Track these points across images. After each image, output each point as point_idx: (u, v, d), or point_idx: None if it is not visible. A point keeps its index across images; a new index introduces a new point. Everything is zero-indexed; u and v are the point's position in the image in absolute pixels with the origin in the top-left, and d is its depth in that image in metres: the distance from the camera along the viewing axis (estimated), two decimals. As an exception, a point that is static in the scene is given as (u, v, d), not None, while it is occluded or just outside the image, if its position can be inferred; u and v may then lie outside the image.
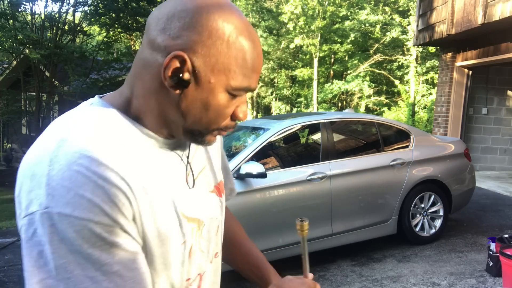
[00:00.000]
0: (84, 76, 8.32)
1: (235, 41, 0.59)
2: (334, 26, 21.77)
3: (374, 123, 4.29)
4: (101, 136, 0.58)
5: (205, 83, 0.59)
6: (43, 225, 0.52)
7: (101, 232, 0.53)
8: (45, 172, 0.53)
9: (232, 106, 0.63)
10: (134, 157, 0.60)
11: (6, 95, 8.91)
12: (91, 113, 0.62)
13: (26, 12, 8.08)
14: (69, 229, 0.52)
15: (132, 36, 10.33)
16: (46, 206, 0.52)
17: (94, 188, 0.53)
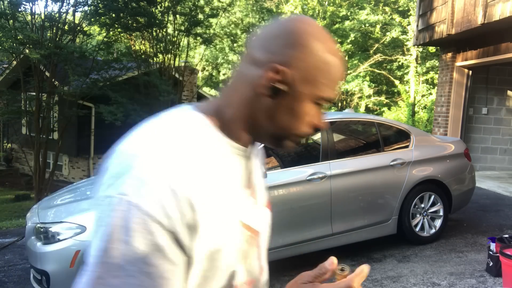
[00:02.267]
0: (84, 76, 8.31)
1: (325, 57, 0.68)
2: (334, 26, 21.75)
3: (374, 123, 4.29)
4: (186, 147, 0.64)
5: (296, 93, 0.68)
6: (111, 207, 0.58)
7: (155, 232, 0.57)
8: (132, 166, 0.60)
9: (315, 115, 0.71)
10: (211, 167, 0.66)
11: (6, 95, 8.90)
12: (181, 119, 0.69)
13: (26, 12, 8.08)
14: (131, 218, 0.56)
15: (132, 36, 10.32)
16: (123, 193, 0.58)
17: (166, 191, 0.58)
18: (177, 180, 0.60)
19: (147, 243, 0.56)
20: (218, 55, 22.12)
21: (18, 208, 8.60)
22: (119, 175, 0.60)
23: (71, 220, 2.90)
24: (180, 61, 11.34)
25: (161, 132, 0.65)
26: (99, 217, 0.59)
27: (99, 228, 0.58)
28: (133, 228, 0.56)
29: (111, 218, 0.57)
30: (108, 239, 0.56)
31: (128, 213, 0.56)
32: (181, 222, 0.59)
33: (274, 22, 0.73)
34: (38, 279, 2.98)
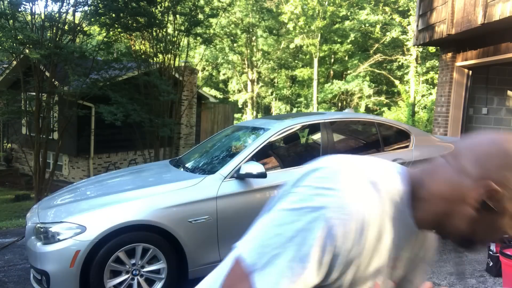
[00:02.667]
0: (84, 76, 8.31)
1: None
2: (334, 26, 21.76)
3: (374, 123, 4.28)
4: (384, 199, 0.75)
5: (502, 210, 0.72)
6: (305, 214, 0.69)
7: (327, 251, 0.69)
8: (339, 189, 0.71)
9: (510, 226, 0.74)
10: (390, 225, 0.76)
11: (6, 95, 8.89)
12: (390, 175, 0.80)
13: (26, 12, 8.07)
14: (316, 228, 0.68)
15: (132, 36, 10.32)
16: (324, 206, 0.69)
17: (355, 226, 0.70)
18: (366, 221, 0.71)
19: (316, 255, 0.68)
20: (218, 55, 22.12)
21: (18, 208, 8.60)
22: (325, 190, 0.71)
23: (71, 220, 2.90)
24: (180, 61, 11.34)
25: (371, 176, 0.76)
26: (292, 220, 0.70)
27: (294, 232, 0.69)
28: (314, 239, 0.68)
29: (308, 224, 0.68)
30: (297, 240, 0.68)
31: (315, 223, 0.68)
32: (346, 254, 0.71)
33: (488, 139, 0.81)
34: (38, 279, 2.98)
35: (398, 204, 0.77)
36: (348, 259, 0.71)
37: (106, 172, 6.99)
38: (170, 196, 3.10)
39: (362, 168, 0.77)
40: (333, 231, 0.68)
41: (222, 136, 4.55)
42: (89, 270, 2.84)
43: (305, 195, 0.72)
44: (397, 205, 0.77)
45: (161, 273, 3.06)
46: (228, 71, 24.32)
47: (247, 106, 24.03)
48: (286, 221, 0.70)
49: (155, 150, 9.77)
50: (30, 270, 3.21)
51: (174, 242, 3.04)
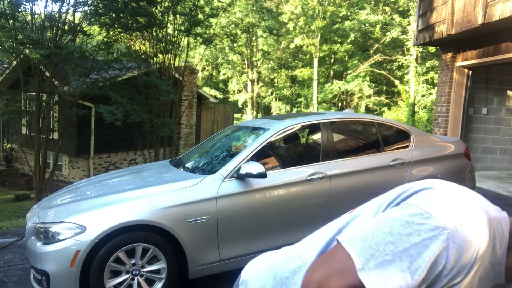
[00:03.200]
0: (84, 76, 8.31)
1: None
2: (334, 26, 21.76)
3: (374, 123, 4.28)
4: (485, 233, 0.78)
5: None
6: (425, 230, 0.73)
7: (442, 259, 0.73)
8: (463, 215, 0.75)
9: None
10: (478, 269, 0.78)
11: (6, 95, 8.89)
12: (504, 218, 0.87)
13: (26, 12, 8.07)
14: (434, 246, 0.72)
15: (132, 36, 10.32)
16: (446, 227, 0.73)
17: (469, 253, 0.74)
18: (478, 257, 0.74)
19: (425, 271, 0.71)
20: (218, 55, 22.12)
21: (18, 208, 8.60)
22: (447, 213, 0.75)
23: (71, 220, 2.90)
24: (180, 61, 11.34)
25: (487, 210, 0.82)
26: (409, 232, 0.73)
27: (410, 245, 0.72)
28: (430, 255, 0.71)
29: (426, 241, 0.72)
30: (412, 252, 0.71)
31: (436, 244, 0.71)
32: (447, 281, 0.73)
33: None
34: (38, 279, 2.98)
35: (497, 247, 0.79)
36: (447, 285, 0.74)
37: (106, 172, 7.00)
38: (170, 196, 3.10)
39: (475, 198, 0.82)
40: (448, 254, 0.71)
41: (222, 136, 4.55)
42: (89, 270, 2.84)
43: (423, 212, 0.75)
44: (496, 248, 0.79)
45: (161, 273, 3.06)
46: (228, 71, 24.32)
47: (247, 106, 24.03)
48: (401, 232, 0.74)
49: (155, 150, 9.77)
50: (30, 270, 3.21)
51: (174, 242, 3.04)
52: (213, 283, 3.40)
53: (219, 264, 3.19)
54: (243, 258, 3.26)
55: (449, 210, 0.75)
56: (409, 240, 0.72)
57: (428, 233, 0.72)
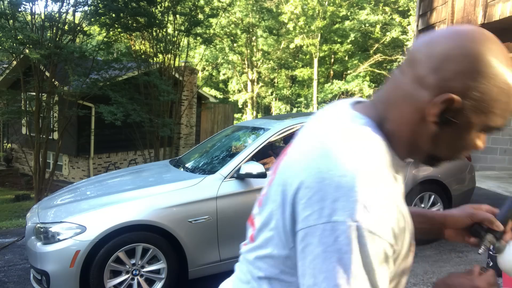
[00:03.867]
0: (84, 76, 8.31)
1: (504, 86, 0.63)
2: (334, 26, 21.76)
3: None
4: (384, 161, 0.66)
5: (466, 123, 0.64)
6: (348, 236, 0.58)
7: (388, 252, 0.61)
8: (354, 188, 0.59)
9: (478, 141, 0.68)
10: (397, 182, 0.70)
11: (6, 95, 8.89)
12: (367, 132, 0.68)
13: (26, 12, 8.06)
14: (370, 245, 0.58)
15: (132, 36, 10.32)
16: (355, 220, 0.58)
17: (393, 211, 0.62)
18: (391, 199, 0.62)
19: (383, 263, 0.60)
20: (218, 55, 22.12)
21: (18, 208, 8.59)
22: (339, 199, 0.59)
23: (71, 220, 2.90)
24: (180, 61, 11.34)
25: (350, 147, 0.64)
26: (326, 241, 0.59)
27: (333, 253, 0.58)
28: (372, 255, 0.58)
29: (349, 245, 0.58)
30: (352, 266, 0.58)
31: (366, 240, 0.58)
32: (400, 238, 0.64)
33: (446, 37, 0.66)
34: (38, 279, 2.98)
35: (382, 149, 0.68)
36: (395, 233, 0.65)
37: (106, 172, 6.99)
38: (170, 196, 3.10)
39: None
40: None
41: (222, 136, 4.55)
42: (89, 270, 2.84)
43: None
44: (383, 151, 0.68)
45: (161, 273, 3.06)
46: (228, 71, 24.32)
47: (247, 106, 24.03)
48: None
49: (155, 150, 9.77)
50: (30, 270, 3.21)
51: (174, 242, 3.04)
52: (213, 283, 3.40)
53: (219, 264, 3.19)
54: (243, 258, 3.25)
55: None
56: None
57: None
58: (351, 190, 0.59)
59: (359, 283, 0.58)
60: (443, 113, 0.64)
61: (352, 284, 0.57)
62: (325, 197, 0.60)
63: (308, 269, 0.61)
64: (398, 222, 0.64)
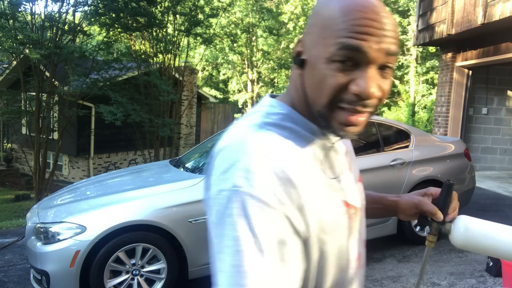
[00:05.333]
0: (84, 76, 8.31)
1: (332, 9, 0.63)
2: (334, 26, 21.75)
3: (374, 123, 4.28)
4: (282, 136, 0.67)
5: (311, 58, 0.66)
6: (230, 200, 0.60)
7: (274, 218, 0.60)
8: (239, 159, 0.62)
9: (340, 76, 0.62)
10: (305, 155, 0.68)
11: (6, 95, 8.89)
12: (272, 108, 0.72)
13: (26, 12, 8.06)
14: (252, 209, 0.59)
15: (132, 36, 10.31)
16: (238, 185, 0.60)
17: (279, 180, 0.61)
18: (279, 165, 0.62)
19: (269, 230, 0.59)
20: (218, 55, 22.10)
21: (18, 208, 8.59)
22: (227, 170, 0.63)
23: (71, 220, 2.91)
24: (180, 61, 11.34)
25: (251, 125, 0.68)
26: (217, 211, 0.62)
27: (221, 221, 0.61)
28: (253, 217, 0.59)
29: (231, 210, 0.60)
30: (236, 229, 0.59)
31: (245, 203, 0.59)
32: (292, 206, 0.62)
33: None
34: (38, 279, 2.98)
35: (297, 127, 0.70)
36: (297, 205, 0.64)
37: (106, 172, 6.99)
38: (170, 196, 3.10)
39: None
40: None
41: (222, 136, 4.55)
42: (89, 270, 2.84)
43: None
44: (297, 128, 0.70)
45: (161, 273, 3.06)
46: (228, 71, 24.32)
47: (247, 106, 24.03)
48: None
49: (155, 150, 9.77)
50: (30, 270, 3.21)
51: (174, 242, 3.04)
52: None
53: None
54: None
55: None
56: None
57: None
58: (238, 162, 0.62)
59: (241, 245, 0.58)
60: (296, 56, 0.69)
61: (234, 246, 0.59)
62: (218, 170, 0.64)
63: (213, 239, 0.64)
64: (300, 196, 0.63)
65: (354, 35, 0.60)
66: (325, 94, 0.64)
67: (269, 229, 0.59)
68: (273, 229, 0.60)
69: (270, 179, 0.61)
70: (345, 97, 0.63)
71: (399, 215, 0.96)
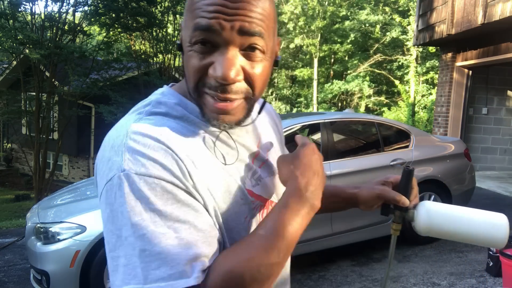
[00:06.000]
0: (84, 76, 8.31)
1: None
2: (334, 26, 21.76)
3: (374, 123, 4.28)
4: (167, 123, 0.65)
5: (183, 42, 0.65)
6: (120, 187, 0.58)
7: (173, 190, 0.59)
8: (122, 143, 0.60)
9: (200, 59, 0.61)
10: (193, 138, 0.66)
11: (6, 95, 8.90)
12: (163, 97, 0.70)
13: (26, 12, 8.07)
14: (144, 187, 0.57)
15: (132, 36, 10.31)
16: (122, 169, 0.58)
17: (165, 155, 0.60)
18: (169, 145, 0.61)
19: (172, 202, 0.58)
20: (218, 55, 22.10)
21: (18, 208, 8.60)
22: (112, 157, 0.60)
23: (71, 220, 2.90)
24: (180, 61, 11.34)
25: (137, 114, 0.67)
26: (108, 204, 0.58)
27: (115, 213, 0.58)
28: (150, 195, 0.57)
29: (124, 196, 0.57)
30: (134, 213, 0.56)
31: (137, 185, 0.57)
32: (186, 180, 0.60)
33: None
34: (38, 279, 2.98)
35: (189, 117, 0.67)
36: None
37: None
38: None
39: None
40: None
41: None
42: (89, 270, 2.84)
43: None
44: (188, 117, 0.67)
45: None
46: (228, 71, 24.32)
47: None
48: None
49: (155, 150, 9.77)
50: (30, 270, 3.21)
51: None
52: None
53: (219, 264, 3.18)
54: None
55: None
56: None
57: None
58: (120, 146, 0.60)
59: (143, 227, 0.56)
60: (177, 42, 0.68)
61: (136, 232, 0.56)
62: (103, 160, 0.62)
63: (108, 237, 0.59)
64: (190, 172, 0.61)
65: (205, 15, 0.59)
66: (191, 78, 0.63)
67: (167, 202, 0.58)
68: (171, 201, 0.58)
69: (156, 156, 0.59)
70: (207, 81, 0.61)
71: (361, 206, 0.94)
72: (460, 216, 0.83)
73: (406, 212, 0.87)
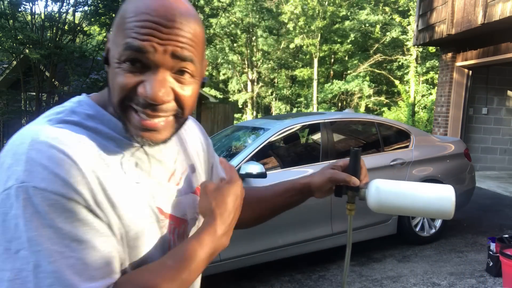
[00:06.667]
0: (84, 76, 8.31)
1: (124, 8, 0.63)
2: (334, 26, 21.77)
3: (374, 123, 4.29)
4: (78, 133, 0.63)
5: (110, 56, 0.64)
6: (17, 199, 0.55)
7: (73, 208, 0.57)
8: (25, 151, 0.57)
9: (128, 77, 0.61)
10: (104, 153, 0.64)
11: (6, 95, 8.89)
12: (78, 106, 0.67)
13: (26, 12, 8.07)
14: (42, 202, 0.55)
15: (132, 36, 10.33)
16: (22, 180, 0.56)
17: (69, 170, 0.57)
18: (75, 159, 0.58)
19: (71, 220, 0.56)
20: (218, 55, 22.13)
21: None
22: (12, 165, 0.57)
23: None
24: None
25: (46, 121, 0.64)
26: (4, 210, 0.56)
27: (10, 220, 0.55)
28: (49, 211, 0.55)
29: (22, 208, 0.55)
30: (30, 228, 0.54)
31: (34, 199, 0.55)
32: (89, 198, 0.58)
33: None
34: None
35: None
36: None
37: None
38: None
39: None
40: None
41: (222, 136, 4.55)
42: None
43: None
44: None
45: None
46: (228, 71, 24.32)
47: (247, 106, 24.03)
48: None
49: (155, 150, 9.78)
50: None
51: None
52: (213, 283, 3.40)
53: (220, 264, 3.19)
54: (243, 257, 3.26)
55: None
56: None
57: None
58: (22, 155, 0.57)
59: (39, 243, 0.54)
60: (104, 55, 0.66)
61: (31, 247, 0.54)
62: (3, 166, 0.59)
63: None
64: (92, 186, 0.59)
65: (137, 36, 0.59)
66: (116, 93, 0.62)
67: (66, 220, 0.56)
68: (70, 219, 0.56)
69: (58, 170, 0.56)
70: (134, 98, 0.61)
71: (316, 194, 0.97)
72: (408, 191, 0.85)
73: (357, 192, 0.89)
